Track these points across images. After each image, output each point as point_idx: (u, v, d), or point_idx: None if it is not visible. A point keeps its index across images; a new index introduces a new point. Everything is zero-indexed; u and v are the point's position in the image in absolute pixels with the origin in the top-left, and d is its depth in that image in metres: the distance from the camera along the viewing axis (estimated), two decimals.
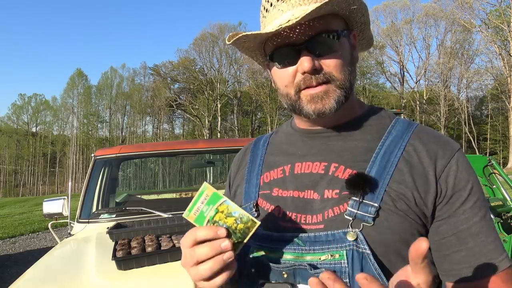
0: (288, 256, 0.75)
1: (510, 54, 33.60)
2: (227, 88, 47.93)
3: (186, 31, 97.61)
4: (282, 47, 0.76)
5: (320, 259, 0.71)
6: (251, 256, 0.79)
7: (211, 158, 3.53)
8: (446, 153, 0.74)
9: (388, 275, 0.67)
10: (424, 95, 42.85)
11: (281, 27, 0.69)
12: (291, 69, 0.76)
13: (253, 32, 0.73)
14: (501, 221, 4.85)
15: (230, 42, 0.77)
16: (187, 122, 55.17)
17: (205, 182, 0.67)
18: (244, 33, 0.74)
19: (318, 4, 0.67)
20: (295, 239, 0.74)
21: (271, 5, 0.77)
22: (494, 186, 5.79)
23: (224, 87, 47.27)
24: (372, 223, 0.70)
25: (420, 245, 0.47)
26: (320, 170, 0.79)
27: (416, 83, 44.38)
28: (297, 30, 0.72)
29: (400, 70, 44.41)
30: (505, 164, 33.24)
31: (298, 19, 0.67)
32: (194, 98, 47.68)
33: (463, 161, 0.75)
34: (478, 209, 0.72)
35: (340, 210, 0.73)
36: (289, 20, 0.69)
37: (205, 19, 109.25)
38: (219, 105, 46.66)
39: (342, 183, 0.74)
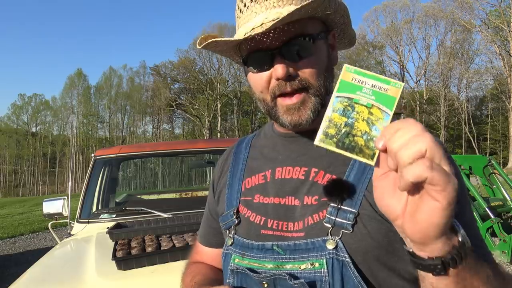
0: (268, 265, 0.73)
1: (510, 54, 33.58)
2: (227, 88, 47.87)
3: (186, 31, 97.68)
4: (255, 52, 0.73)
5: (300, 268, 0.70)
6: (232, 264, 0.78)
7: (211, 158, 3.53)
8: None
9: (368, 282, 0.66)
10: (424, 95, 42.80)
11: (251, 34, 0.67)
12: (265, 74, 0.74)
13: (223, 39, 0.71)
14: (501, 221, 4.86)
15: (200, 47, 0.74)
16: (187, 122, 55.16)
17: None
18: (213, 39, 0.71)
19: (292, 8, 0.64)
20: (275, 248, 0.73)
21: (245, 5, 0.74)
22: (494, 186, 5.80)
23: (224, 87, 47.21)
24: (351, 230, 0.68)
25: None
26: (301, 175, 0.77)
27: (416, 83, 44.37)
28: (271, 35, 0.69)
29: (400, 70, 44.41)
30: (505, 164, 33.19)
31: (270, 25, 0.65)
32: (194, 98, 47.64)
33: None
34: None
35: (320, 217, 0.71)
36: (262, 24, 0.67)
37: (205, 19, 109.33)
38: (219, 105, 46.62)
39: (321, 189, 0.73)
